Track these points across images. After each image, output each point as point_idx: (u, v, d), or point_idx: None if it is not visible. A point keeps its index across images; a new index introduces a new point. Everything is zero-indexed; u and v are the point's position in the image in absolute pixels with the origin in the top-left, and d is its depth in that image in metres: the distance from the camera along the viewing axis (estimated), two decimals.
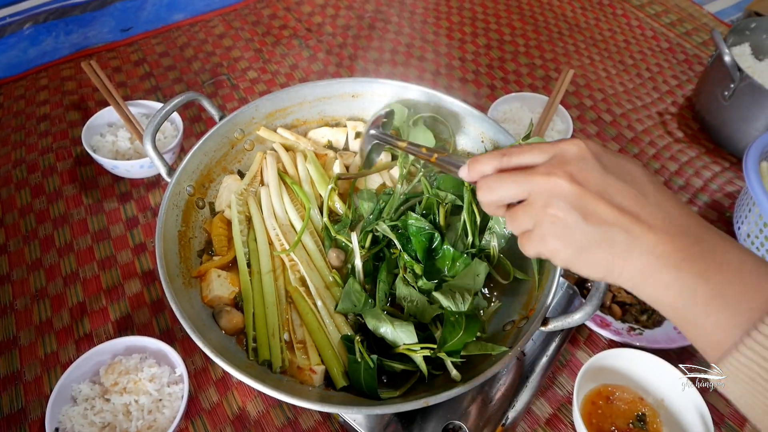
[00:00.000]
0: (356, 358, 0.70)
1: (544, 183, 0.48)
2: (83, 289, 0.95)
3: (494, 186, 0.52)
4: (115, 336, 0.88)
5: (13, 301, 0.93)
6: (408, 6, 1.65)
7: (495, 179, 0.52)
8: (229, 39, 1.48)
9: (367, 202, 0.86)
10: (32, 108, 1.26)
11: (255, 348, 0.74)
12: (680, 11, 1.73)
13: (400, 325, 0.71)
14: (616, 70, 1.49)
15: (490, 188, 0.53)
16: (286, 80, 1.38)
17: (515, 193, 0.51)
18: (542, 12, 1.68)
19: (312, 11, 1.60)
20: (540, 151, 0.51)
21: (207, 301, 0.78)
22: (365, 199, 0.87)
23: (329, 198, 0.86)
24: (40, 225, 1.04)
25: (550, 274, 0.75)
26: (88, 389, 0.77)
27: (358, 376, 0.70)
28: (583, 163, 0.48)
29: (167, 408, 0.76)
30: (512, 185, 0.51)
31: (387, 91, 1.00)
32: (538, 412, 0.85)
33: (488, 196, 0.53)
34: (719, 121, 1.25)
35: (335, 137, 1.00)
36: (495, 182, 0.52)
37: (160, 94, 1.32)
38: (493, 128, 0.93)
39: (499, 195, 0.52)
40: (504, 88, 1.39)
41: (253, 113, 0.94)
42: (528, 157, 0.52)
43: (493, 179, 0.53)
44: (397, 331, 0.71)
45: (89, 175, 1.13)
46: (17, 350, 0.88)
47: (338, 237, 0.83)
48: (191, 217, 0.84)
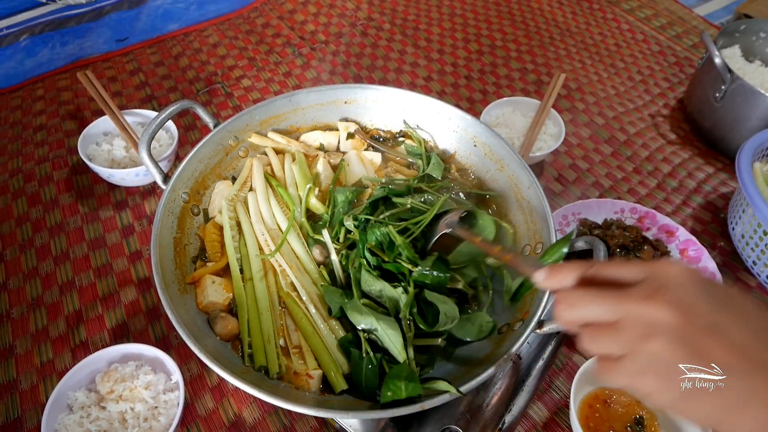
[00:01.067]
0: (360, 354, 0.70)
1: (642, 309, 0.41)
2: (79, 297, 0.95)
3: (577, 303, 0.45)
4: (111, 344, 0.88)
5: (9, 310, 0.93)
6: (400, 13, 1.66)
7: (579, 295, 0.46)
8: (223, 48, 1.49)
9: (340, 195, 0.87)
10: (29, 118, 1.27)
11: (251, 354, 0.74)
12: (670, 14, 1.75)
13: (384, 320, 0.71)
14: (607, 74, 1.50)
15: (572, 305, 0.46)
16: (280, 88, 1.39)
17: (602, 316, 0.44)
18: (533, 17, 1.69)
19: (305, 20, 1.61)
20: (633, 267, 0.45)
21: (202, 308, 0.78)
22: (339, 192, 0.87)
23: (307, 197, 0.87)
24: (37, 234, 1.04)
25: None
26: (84, 397, 0.77)
27: (359, 373, 0.70)
28: (687, 289, 0.42)
29: (163, 415, 0.76)
30: (600, 305, 0.44)
31: (380, 97, 1.01)
32: (535, 416, 0.85)
33: (568, 314, 0.46)
34: (711, 122, 1.26)
35: (327, 140, 1.01)
36: (579, 299, 0.45)
37: (155, 103, 1.32)
38: (486, 132, 0.94)
39: (581, 315, 0.45)
40: (496, 93, 1.41)
41: (248, 120, 0.94)
42: (618, 272, 0.45)
43: (578, 295, 0.46)
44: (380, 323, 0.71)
45: (85, 183, 1.13)
46: (13, 359, 0.88)
47: (315, 237, 0.84)
48: (186, 223, 0.85)
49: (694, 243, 1.01)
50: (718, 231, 1.13)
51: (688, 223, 1.15)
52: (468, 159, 0.99)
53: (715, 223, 1.15)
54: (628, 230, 1.02)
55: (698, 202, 1.19)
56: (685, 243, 1.02)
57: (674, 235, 1.03)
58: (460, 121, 0.97)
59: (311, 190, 0.88)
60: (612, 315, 0.43)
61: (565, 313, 0.47)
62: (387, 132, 1.04)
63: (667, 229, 1.04)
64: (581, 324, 0.46)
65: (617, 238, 0.99)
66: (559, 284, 0.49)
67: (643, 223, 1.06)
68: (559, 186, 1.20)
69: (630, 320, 0.42)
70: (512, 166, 0.90)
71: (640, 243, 1.00)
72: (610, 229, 1.02)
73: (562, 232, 1.05)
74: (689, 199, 1.20)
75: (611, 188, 1.20)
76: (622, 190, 1.20)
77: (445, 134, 1.00)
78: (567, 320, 0.47)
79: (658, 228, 1.05)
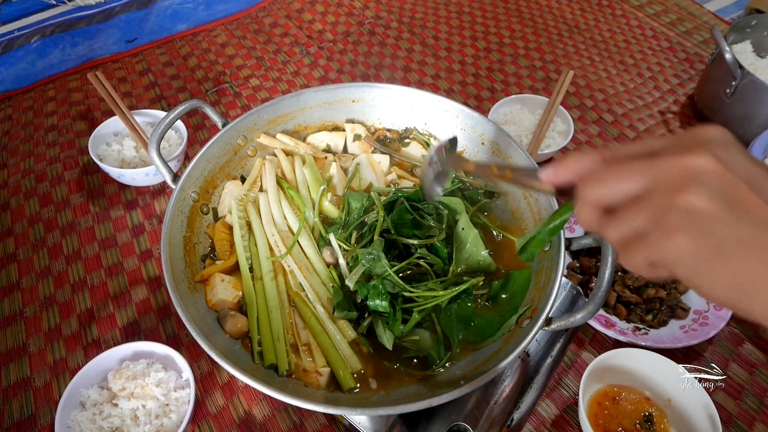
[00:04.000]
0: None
1: (677, 162, 0.37)
2: (91, 295, 0.97)
3: (606, 175, 0.39)
4: (122, 342, 0.89)
5: (22, 309, 0.95)
6: (407, 11, 1.66)
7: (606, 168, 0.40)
8: (232, 48, 1.50)
9: (355, 201, 0.87)
10: (40, 119, 1.29)
11: (260, 352, 0.74)
12: (680, 10, 1.73)
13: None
14: (616, 70, 1.49)
15: (601, 179, 0.40)
16: (288, 87, 1.39)
17: (637, 183, 0.38)
18: (541, 14, 1.68)
19: (313, 19, 1.61)
20: (663, 137, 0.40)
21: (211, 305, 0.79)
22: (354, 198, 0.88)
23: (321, 199, 0.88)
24: (49, 233, 1.06)
25: (552, 273, 0.75)
26: (96, 394, 0.78)
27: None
28: (727, 146, 0.38)
29: (174, 413, 0.77)
30: (634, 171, 0.38)
31: (388, 95, 1.01)
32: (544, 413, 0.85)
33: (596, 190, 0.40)
34: (721, 118, 1.25)
35: (334, 141, 1.01)
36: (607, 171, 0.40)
37: (164, 103, 1.34)
38: (494, 130, 0.94)
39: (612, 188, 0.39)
40: (504, 91, 1.40)
41: (256, 120, 0.95)
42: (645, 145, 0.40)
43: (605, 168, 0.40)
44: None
45: (96, 183, 1.14)
46: (27, 357, 0.89)
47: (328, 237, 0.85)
48: (196, 222, 0.85)
49: None
50: None
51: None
52: (476, 157, 0.99)
53: None
54: None
55: None
56: None
57: None
58: (467, 119, 0.97)
59: (325, 192, 0.88)
60: (640, 182, 0.38)
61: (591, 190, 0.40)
62: (393, 132, 1.04)
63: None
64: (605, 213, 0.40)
65: None
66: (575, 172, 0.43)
67: None
68: None
69: (661, 180, 0.37)
70: (521, 164, 0.89)
71: None
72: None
73: (570, 229, 1.05)
74: None
75: None
76: None
77: (454, 132, 1.00)
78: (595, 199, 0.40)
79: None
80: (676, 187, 0.36)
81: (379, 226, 0.81)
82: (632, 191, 0.38)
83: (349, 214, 0.87)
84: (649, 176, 0.38)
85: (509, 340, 0.73)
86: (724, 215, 0.34)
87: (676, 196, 0.36)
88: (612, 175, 0.39)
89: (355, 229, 0.84)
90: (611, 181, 0.39)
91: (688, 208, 0.35)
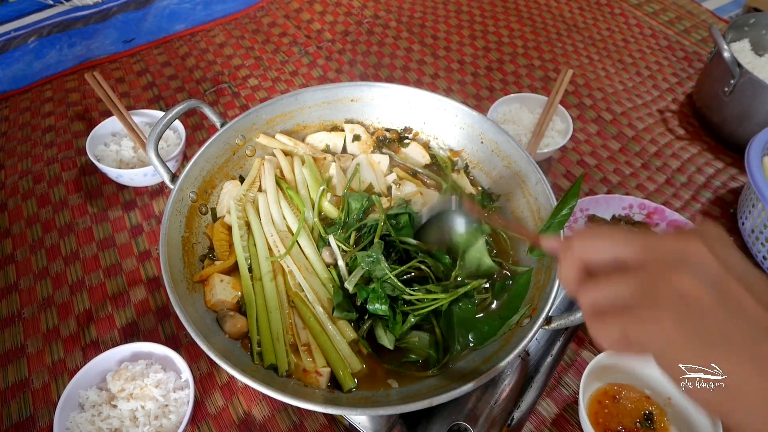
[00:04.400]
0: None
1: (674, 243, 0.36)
2: (89, 296, 0.96)
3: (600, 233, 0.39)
4: (121, 343, 0.89)
5: (20, 310, 0.94)
6: (406, 11, 1.66)
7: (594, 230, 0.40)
8: (230, 48, 1.50)
9: (354, 202, 0.87)
10: (37, 120, 1.28)
11: (260, 352, 0.74)
12: (678, 9, 1.73)
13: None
14: (615, 69, 1.49)
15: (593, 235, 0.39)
16: (287, 87, 1.39)
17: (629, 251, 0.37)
18: (540, 13, 1.68)
19: (311, 18, 1.61)
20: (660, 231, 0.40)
21: (210, 306, 0.78)
22: (354, 199, 0.87)
23: (320, 200, 0.87)
24: (47, 234, 1.05)
25: (552, 272, 0.75)
26: (95, 396, 0.77)
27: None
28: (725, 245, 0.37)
29: (173, 413, 0.76)
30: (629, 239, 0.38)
31: (387, 95, 1.00)
32: (544, 412, 0.85)
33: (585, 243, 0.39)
34: (720, 117, 1.25)
35: (333, 141, 1.01)
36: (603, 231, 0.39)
37: (162, 103, 1.33)
38: (493, 129, 0.94)
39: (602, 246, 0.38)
40: (503, 90, 1.40)
41: (255, 119, 0.95)
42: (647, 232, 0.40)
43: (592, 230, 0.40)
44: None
45: (94, 184, 1.14)
46: (25, 358, 0.88)
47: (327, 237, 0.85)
48: (194, 223, 0.85)
49: None
50: (727, 226, 1.12)
51: (697, 218, 1.14)
52: (475, 156, 0.99)
53: (724, 218, 1.14)
54: (636, 226, 1.01)
55: (707, 197, 1.18)
56: None
57: None
58: (467, 117, 0.97)
59: (324, 193, 0.88)
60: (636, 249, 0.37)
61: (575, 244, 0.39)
62: (392, 132, 1.04)
63: (676, 225, 1.03)
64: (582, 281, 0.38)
65: None
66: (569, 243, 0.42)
67: (652, 219, 1.05)
68: (567, 182, 1.19)
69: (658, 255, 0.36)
70: (520, 163, 0.89)
71: None
72: (618, 225, 1.02)
73: (570, 228, 1.05)
74: (698, 194, 1.19)
75: (619, 184, 1.20)
76: (630, 186, 1.19)
77: (453, 131, 1.00)
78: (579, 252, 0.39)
79: (667, 224, 1.04)
80: (669, 266, 0.35)
81: (379, 230, 0.81)
82: (622, 256, 0.37)
83: (348, 214, 0.87)
84: (643, 248, 0.37)
85: (509, 339, 0.73)
86: (715, 306, 0.33)
87: (669, 276, 0.34)
88: (606, 235, 0.39)
89: (354, 230, 0.84)
90: (604, 239, 0.39)
91: (681, 291, 0.34)
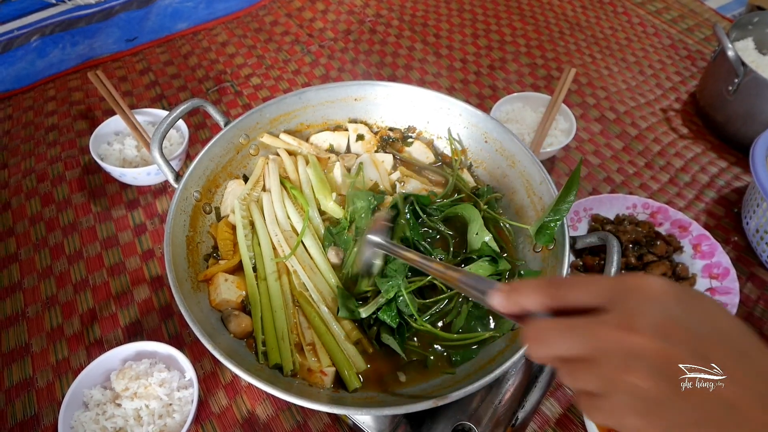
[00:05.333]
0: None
1: (617, 339, 0.37)
2: (93, 295, 0.96)
3: (549, 340, 0.40)
4: (124, 341, 0.89)
5: (24, 309, 0.95)
6: (408, 9, 1.65)
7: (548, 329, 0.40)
8: (232, 46, 1.49)
9: (360, 201, 0.87)
10: (41, 119, 1.28)
11: (265, 352, 0.74)
12: (681, 7, 1.73)
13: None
14: (618, 68, 1.49)
15: (543, 341, 0.40)
16: (289, 86, 1.39)
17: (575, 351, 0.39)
18: (542, 12, 1.68)
19: (313, 17, 1.61)
20: (600, 287, 0.40)
21: (215, 305, 0.78)
22: (359, 198, 0.87)
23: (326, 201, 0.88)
24: (50, 233, 1.05)
25: (557, 272, 0.75)
26: (99, 395, 0.77)
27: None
28: (662, 308, 0.37)
29: (177, 413, 0.76)
30: (573, 340, 0.39)
31: (390, 94, 1.00)
32: (548, 412, 0.85)
33: (540, 351, 0.41)
34: (724, 116, 1.25)
35: (336, 141, 1.01)
36: (549, 334, 0.40)
37: (165, 102, 1.33)
38: (498, 128, 0.93)
39: (553, 351, 0.40)
40: (506, 89, 1.40)
41: (258, 118, 0.95)
42: (586, 293, 0.40)
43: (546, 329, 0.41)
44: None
45: (97, 183, 1.14)
46: (29, 357, 0.89)
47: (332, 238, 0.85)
48: (198, 222, 0.85)
49: (708, 238, 1.00)
50: (731, 226, 1.12)
51: (701, 218, 1.13)
52: (479, 155, 0.99)
53: (728, 217, 1.14)
54: (640, 225, 1.01)
55: (711, 196, 1.18)
56: (698, 238, 1.01)
57: (687, 231, 1.02)
58: (471, 117, 0.97)
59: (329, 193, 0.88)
60: (586, 350, 0.38)
61: (537, 350, 0.41)
62: (396, 131, 1.04)
63: (680, 224, 1.03)
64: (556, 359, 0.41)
65: (629, 234, 0.98)
66: (520, 308, 0.43)
67: (656, 219, 1.05)
68: None
69: (606, 353, 0.37)
70: (524, 162, 0.89)
71: (653, 238, 0.99)
72: (622, 224, 1.02)
73: (573, 227, 1.05)
74: (702, 193, 1.18)
75: (623, 183, 1.19)
76: (633, 186, 1.19)
77: (456, 130, 1.00)
78: (539, 357, 0.42)
79: (671, 223, 1.04)
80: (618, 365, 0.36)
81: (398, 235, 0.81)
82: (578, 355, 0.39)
83: (354, 213, 0.87)
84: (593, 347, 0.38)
85: (514, 339, 0.73)
86: (668, 396, 0.35)
87: (623, 375, 0.36)
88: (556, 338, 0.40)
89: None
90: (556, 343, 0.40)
91: (633, 390, 0.36)
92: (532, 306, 0.42)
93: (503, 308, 0.45)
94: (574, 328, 0.39)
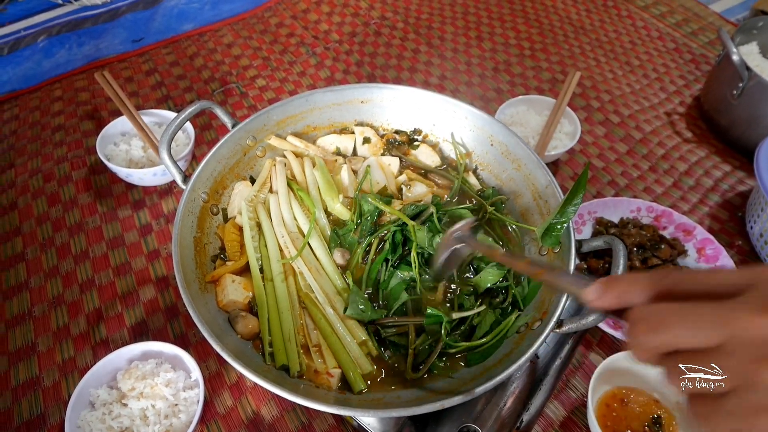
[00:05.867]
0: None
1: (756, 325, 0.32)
2: (99, 295, 0.97)
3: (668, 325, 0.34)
4: (130, 341, 0.89)
5: (31, 308, 0.95)
6: (413, 12, 1.66)
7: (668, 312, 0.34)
8: (238, 48, 1.50)
9: (367, 204, 0.87)
10: (47, 119, 1.29)
11: (272, 353, 0.74)
12: (686, 11, 1.73)
13: None
14: (622, 71, 1.49)
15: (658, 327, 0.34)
16: (295, 88, 1.39)
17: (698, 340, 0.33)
18: (547, 15, 1.68)
19: (319, 19, 1.61)
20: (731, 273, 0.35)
21: (222, 306, 0.79)
22: (366, 201, 0.88)
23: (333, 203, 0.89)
24: (57, 233, 1.06)
25: None
26: (105, 394, 0.78)
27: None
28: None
29: (183, 413, 0.77)
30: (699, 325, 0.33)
31: (396, 96, 1.01)
32: (553, 415, 0.85)
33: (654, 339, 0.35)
34: (728, 120, 1.25)
35: (343, 144, 1.01)
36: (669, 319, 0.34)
37: (171, 103, 1.34)
38: (503, 131, 0.94)
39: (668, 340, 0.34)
40: (510, 92, 1.40)
41: (265, 120, 0.95)
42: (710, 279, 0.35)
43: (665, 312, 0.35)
44: None
45: (103, 183, 1.15)
46: (36, 356, 0.89)
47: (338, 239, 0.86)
48: (206, 223, 0.86)
49: (712, 242, 1.00)
50: (735, 230, 1.12)
51: (705, 221, 1.14)
52: (485, 158, 0.99)
53: (732, 221, 1.14)
54: (644, 229, 1.01)
55: (715, 200, 1.18)
56: (702, 242, 1.01)
57: (692, 234, 1.02)
58: (476, 119, 0.97)
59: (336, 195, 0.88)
60: (712, 337, 0.33)
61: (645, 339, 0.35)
62: (402, 134, 1.04)
63: (685, 228, 1.03)
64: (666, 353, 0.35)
65: (634, 237, 0.99)
66: (622, 300, 0.38)
67: (660, 222, 1.05)
68: None
69: (739, 342, 0.32)
70: (529, 166, 0.90)
71: (657, 242, 1.00)
72: (626, 227, 1.02)
73: (578, 231, 1.05)
74: (706, 197, 1.19)
75: (627, 187, 1.20)
76: (638, 189, 1.19)
77: (462, 133, 1.00)
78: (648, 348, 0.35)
79: (675, 227, 1.04)
80: (757, 356, 0.31)
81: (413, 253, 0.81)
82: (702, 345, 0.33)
83: (361, 216, 0.87)
84: (722, 333, 0.33)
85: (520, 342, 0.74)
86: None
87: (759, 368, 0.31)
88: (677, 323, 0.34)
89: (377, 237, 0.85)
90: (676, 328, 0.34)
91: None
92: (636, 297, 0.38)
93: (602, 302, 0.40)
94: (699, 312, 0.33)
